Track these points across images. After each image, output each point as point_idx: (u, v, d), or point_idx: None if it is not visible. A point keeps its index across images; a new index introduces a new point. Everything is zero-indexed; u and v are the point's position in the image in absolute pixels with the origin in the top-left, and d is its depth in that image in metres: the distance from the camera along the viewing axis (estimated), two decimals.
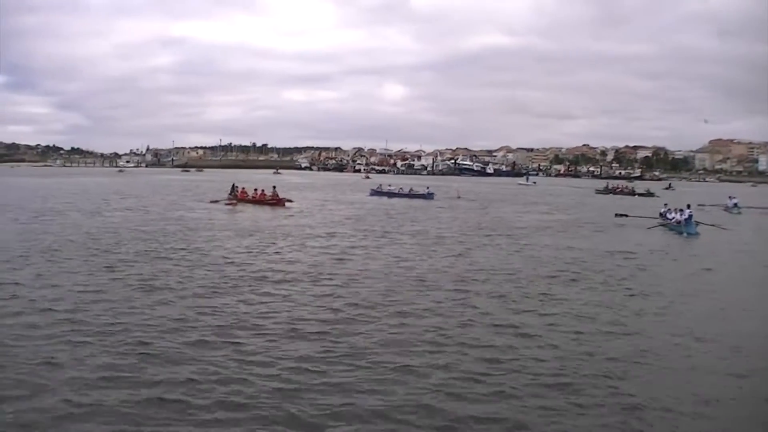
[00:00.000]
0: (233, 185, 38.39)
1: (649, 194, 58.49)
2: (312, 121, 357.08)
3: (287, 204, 34.81)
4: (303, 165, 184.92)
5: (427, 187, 49.82)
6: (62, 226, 22.75)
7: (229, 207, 34.31)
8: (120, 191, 50.31)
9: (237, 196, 36.63)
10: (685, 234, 25.01)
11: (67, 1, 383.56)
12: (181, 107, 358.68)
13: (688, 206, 27.59)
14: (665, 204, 31.11)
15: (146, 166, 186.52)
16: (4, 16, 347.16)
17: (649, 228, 26.83)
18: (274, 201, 35.04)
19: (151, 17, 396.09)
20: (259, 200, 35.68)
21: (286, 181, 75.47)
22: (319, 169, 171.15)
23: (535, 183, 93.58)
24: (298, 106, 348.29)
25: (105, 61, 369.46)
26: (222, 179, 71.49)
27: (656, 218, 28.81)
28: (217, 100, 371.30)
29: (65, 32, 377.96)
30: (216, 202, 36.58)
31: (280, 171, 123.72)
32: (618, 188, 67.30)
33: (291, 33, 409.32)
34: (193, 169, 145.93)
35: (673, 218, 27.26)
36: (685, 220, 26.17)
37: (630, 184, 75.01)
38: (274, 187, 37.19)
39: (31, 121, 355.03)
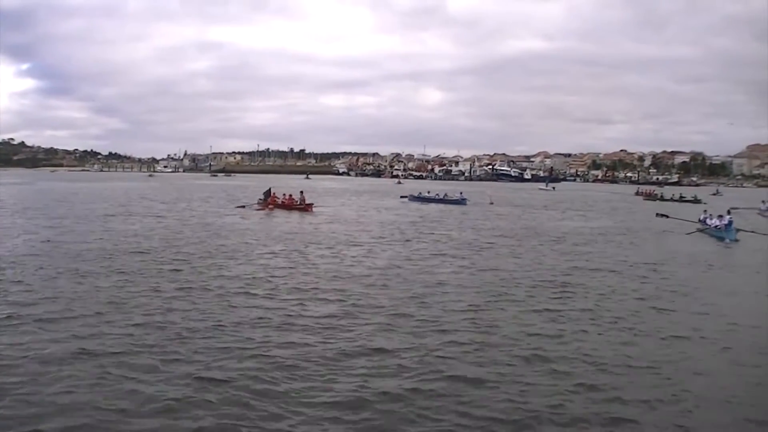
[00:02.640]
0: (269, 189, 38.39)
1: (695, 201, 55.92)
2: (350, 126, 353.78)
3: (314, 209, 34.91)
4: (341, 170, 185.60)
5: (460, 193, 49.59)
6: (84, 234, 22.24)
7: (259, 211, 34.48)
8: (147, 196, 50.91)
9: (267, 201, 36.68)
10: (726, 240, 23.99)
11: (104, 6, 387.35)
12: (220, 112, 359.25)
13: (729, 212, 26.67)
14: (704, 210, 30.14)
15: (184, 171, 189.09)
16: (40, 20, 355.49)
17: (688, 234, 25.95)
18: (302, 206, 35.04)
19: (189, 22, 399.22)
20: (288, 205, 35.72)
21: (320, 186, 75.26)
22: (356, 175, 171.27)
23: (554, 188, 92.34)
24: (336, 111, 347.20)
25: (142, 66, 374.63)
26: (253, 184, 72.48)
27: (695, 222, 27.91)
28: (256, 105, 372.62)
29: (102, 37, 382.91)
30: (243, 207, 36.67)
31: (310, 176, 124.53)
32: (645, 192, 68.61)
33: (328, 38, 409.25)
34: (222, 174, 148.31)
35: (714, 224, 26.26)
36: (726, 225, 25.21)
37: (660, 190, 74.67)
38: (302, 192, 37.18)
39: (68, 125, 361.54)
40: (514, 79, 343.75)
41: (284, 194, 37.41)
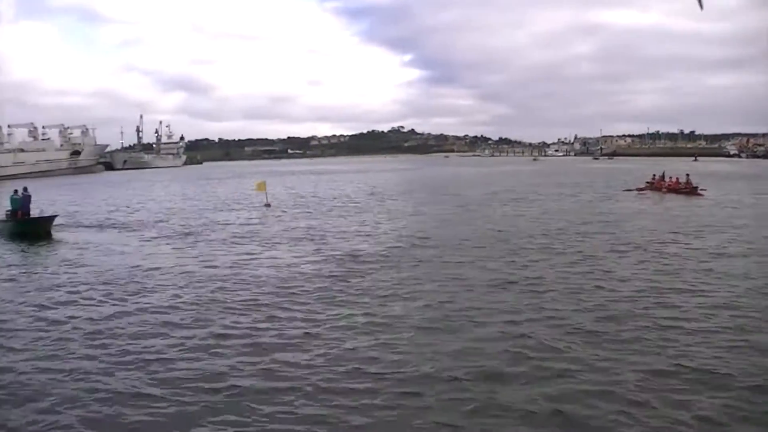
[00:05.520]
0: (663, 173, 38.36)
1: None
2: (739, 106, 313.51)
3: (701, 192, 33.73)
4: (732, 152, 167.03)
5: None
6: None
7: (642, 194, 35.56)
8: (530, 182, 55.88)
9: (653, 185, 37.33)
10: None
11: None
12: (606, 95, 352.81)
13: None
14: None
15: (575, 155, 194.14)
16: (416, 14, 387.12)
17: None
18: (687, 189, 34.44)
19: (565, 6, 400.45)
20: (673, 188, 35.44)
21: (708, 168, 70.24)
22: (747, 156, 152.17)
23: None
24: (723, 90, 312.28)
25: (524, 52, 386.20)
26: (636, 167, 72.16)
27: None
28: (641, 87, 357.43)
29: (480, 25, 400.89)
30: (629, 190, 38.16)
31: (697, 158, 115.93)
32: None
33: (710, 16, 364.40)
34: (604, 158, 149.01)
35: None
36: None
37: None
38: (687, 175, 36.24)
39: (454, 112, 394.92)
40: None
41: (670, 177, 37.14)
